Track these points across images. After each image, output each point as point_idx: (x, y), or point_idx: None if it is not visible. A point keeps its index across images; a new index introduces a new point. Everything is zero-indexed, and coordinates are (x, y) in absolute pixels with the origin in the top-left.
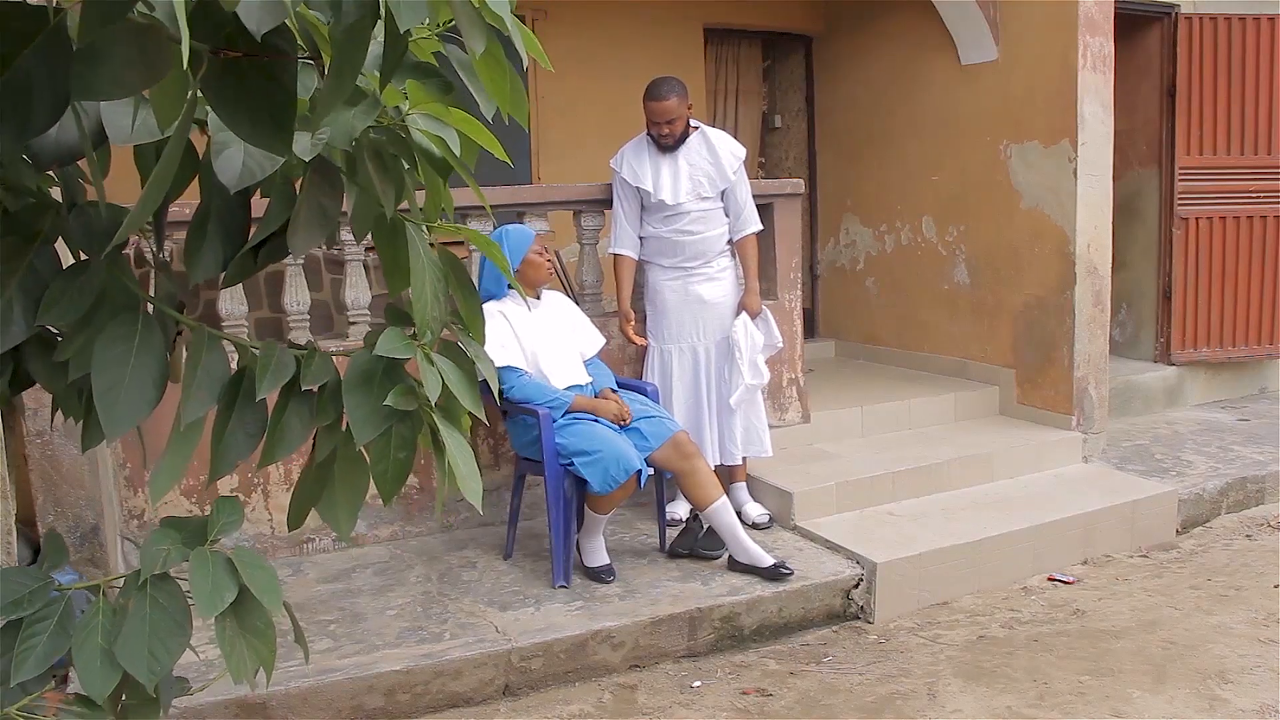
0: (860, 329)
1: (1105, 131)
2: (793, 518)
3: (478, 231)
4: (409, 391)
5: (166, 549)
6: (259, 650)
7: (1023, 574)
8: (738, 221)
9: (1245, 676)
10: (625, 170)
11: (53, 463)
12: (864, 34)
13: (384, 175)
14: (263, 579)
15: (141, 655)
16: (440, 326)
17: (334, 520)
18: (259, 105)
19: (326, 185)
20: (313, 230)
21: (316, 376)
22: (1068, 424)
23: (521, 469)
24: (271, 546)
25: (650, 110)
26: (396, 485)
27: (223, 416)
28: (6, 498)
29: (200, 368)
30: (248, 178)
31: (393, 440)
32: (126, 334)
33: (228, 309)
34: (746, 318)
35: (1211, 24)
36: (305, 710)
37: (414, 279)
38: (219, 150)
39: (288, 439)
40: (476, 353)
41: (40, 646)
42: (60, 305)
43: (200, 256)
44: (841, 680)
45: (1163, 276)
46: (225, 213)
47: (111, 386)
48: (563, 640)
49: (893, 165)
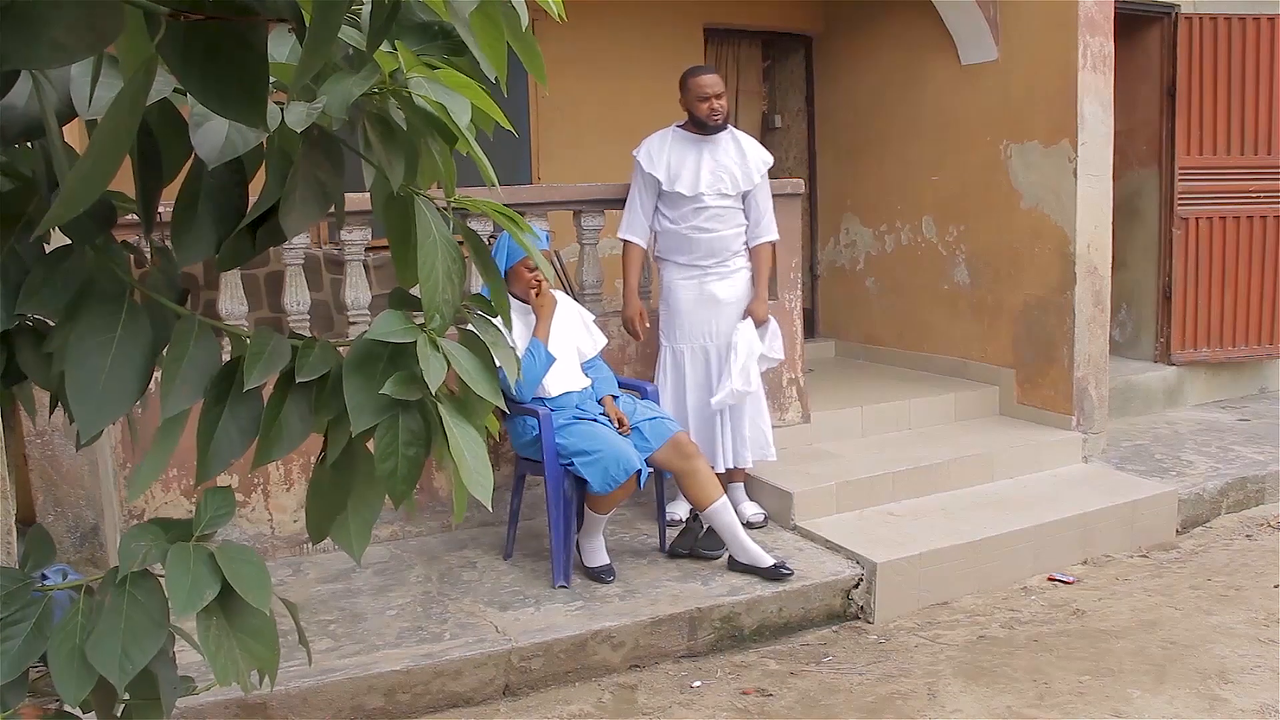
0: (860, 329)
1: (1105, 131)
2: (793, 518)
3: (498, 204)
4: (412, 379)
5: (146, 545)
6: (256, 651)
7: (1023, 574)
8: (756, 228)
9: (1245, 676)
10: (643, 157)
11: (53, 463)
12: (864, 34)
13: (390, 145)
14: (249, 575)
15: (114, 654)
16: (452, 310)
17: (345, 540)
18: (227, 73)
19: (324, 159)
20: (309, 207)
21: (314, 367)
22: (1068, 424)
23: (521, 469)
24: (271, 546)
25: (700, 85)
26: (407, 486)
27: (212, 412)
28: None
29: (186, 358)
30: (230, 151)
31: (400, 434)
32: (106, 325)
33: (228, 309)
34: (750, 323)
35: (1211, 24)
36: (305, 710)
37: (423, 257)
38: (198, 123)
39: (285, 436)
40: (494, 339)
41: (15, 650)
42: (42, 293)
43: (189, 237)
44: (841, 680)
45: (1163, 276)
46: (217, 189)
47: (88, 381)
48: (563, 640)
49: (893, 165)
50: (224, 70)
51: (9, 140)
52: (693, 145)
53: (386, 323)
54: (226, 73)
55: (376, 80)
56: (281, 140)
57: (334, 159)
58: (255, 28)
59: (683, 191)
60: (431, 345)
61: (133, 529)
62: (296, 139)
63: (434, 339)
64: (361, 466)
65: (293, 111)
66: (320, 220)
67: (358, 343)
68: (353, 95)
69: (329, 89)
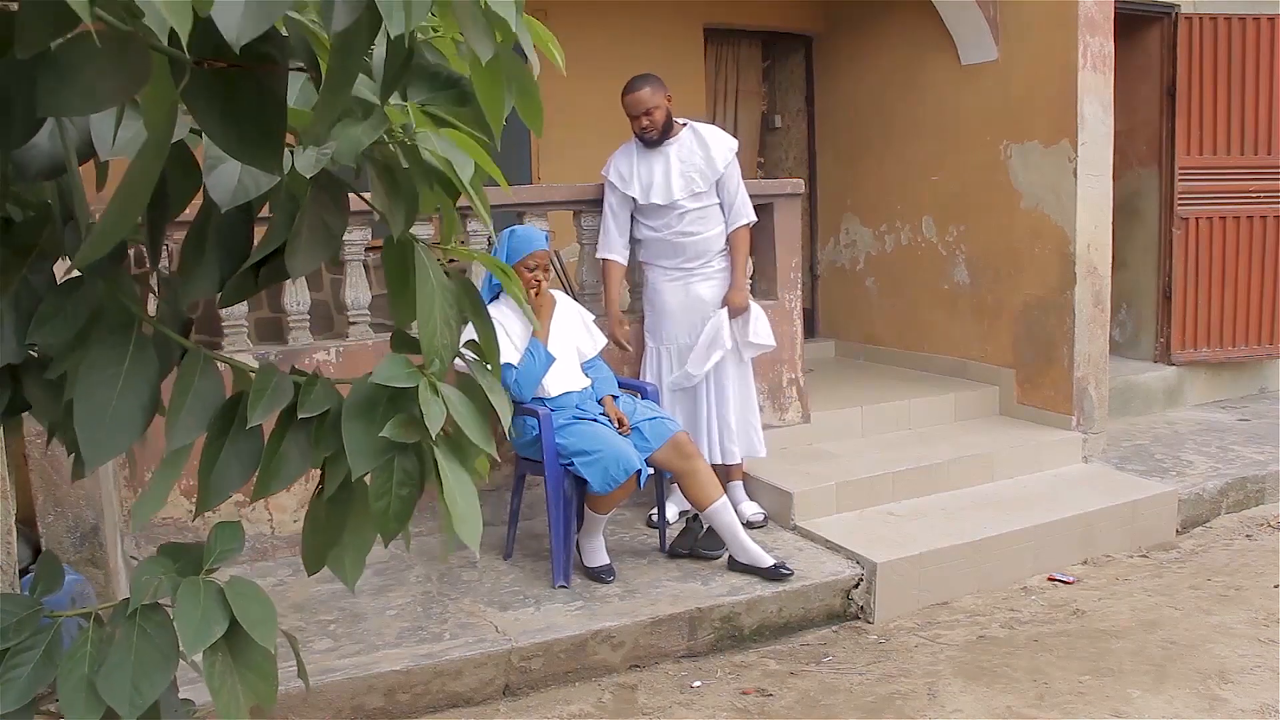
0: (860, 329)
1: (1105, 131)
2: (793, 518)
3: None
4: (410, 422)
5: (158, 579)
6: (256, 687)
7: (1023, 574)
8: (730, 213)
9: (1245, 676)
10: (614, 176)
11: (53, 463)
12: (864, 34)
13: (394, 194)
14: (257, 612)
15: (124, 688)
16: (450, 355)
17: (341, 570)
18: (247, 119)
19: (330, 202)
20: (314, 250)
21: (316, 404)
22: (1068, 424)
23: (521, 469)
24: (271, 546)
25: (626, 105)
26: (397, 525)
27: (214, 444)
28: (6, 498)
29: (191, 392)
30: (242, 195)
31: (395, 474)
32: (115, 357)
33: (228, 310)
34: (722, 314)
35: (1211, 24)
36: (305, 710)
37: (422, 304)
38: (212, 165)
39: (284, 470)
40: (490, 385)
41: (24, 677)
42: (53, 323)
43: (196, 273)
44: (841, 680)
45: (1163, 276)
46: (225, 228)
47: (95, 412)
48: (563, 640)
49: (893, 165)
50: (243, 116)
51: (29, 178)
52: (657, 152)
53: (390, 368)
54: (246, 119)
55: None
56: (289, 183)
57: (339, 203)
58: (275, 76)
59: (658, 201)
60: (432, 390)
61: (147, 561)
62: (304, 183)
63: (434, 383)
64: (358, 501)
65: (303, 157)
66: (324, 262)
67: (358, 385)
68: (363, 143)
69: (339, 135)
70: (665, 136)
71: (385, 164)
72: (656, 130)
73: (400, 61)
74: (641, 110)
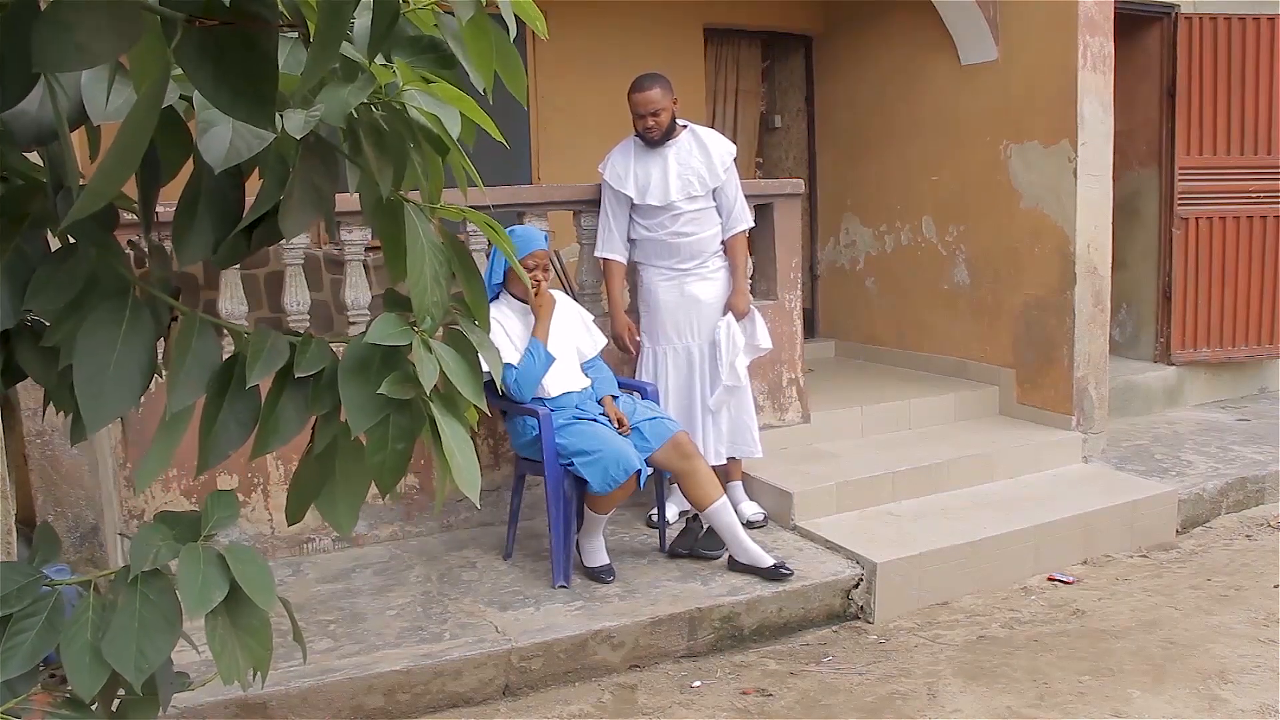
0: (860, 329)
1: (1105, 131)
2: (793, 518)
3: (481, 214)
4: (406, 379)
5: (157, 545)
6: (253, 650)
7: (1023, 574)
8: (729, 219)
9: (1245, 676)
10: (610, 175)
11: (53, 462)
12: (864, 34)
13: (382, 154)
14: (256, 576)
15: (129, 653)
16: (441, 312)
17: (334, 517)
18: (239, 76)
19: (320, 164)
20: (305, 211)
21: (311, 363)
22: (1067, 424)
23: (521, 469)
24: (271, 546)
25: (634, 103)
26: (394, 477)
27: (213, 405)
28: (6, 498)
29: (189, 355)
30: (234, 156)
31: (391, 430)
32: (113, 320)
33: (228, 309)
34: (731, 319)
35: (1211, 24)
36: (305, 710)
37: (412, 262)
38: (205, 128)
39: (282, 429)
40: (480, 340)
41: (27, 643)
42: (47, 290)
43: (190, 238)
44: (841, 680)
45: (1163, 276)
46: (216, 192)
47: (94, 375)
48: (563, 640)
49: (893, 165)
50: (235, 73)
51: (21, 145)
52: (655, 153)
53: (383, 327)
54: (238, 76)
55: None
56: (279, 146)
57: (329, 165)
58: (265, 33)
59: (654, 203)
60: (425, 347)
61: (144, 528)
62: (293, 145)
63: (426, 341)
64: (345, 454)
65: (292, 118)
66: (317, 221)
67: (353, 345)
68: (350, 105)
69: (326, 97)
70: (666, 138)
71: (372, 125)
72: (660, 131)
73: (387, 21)
74: (649, 110)
